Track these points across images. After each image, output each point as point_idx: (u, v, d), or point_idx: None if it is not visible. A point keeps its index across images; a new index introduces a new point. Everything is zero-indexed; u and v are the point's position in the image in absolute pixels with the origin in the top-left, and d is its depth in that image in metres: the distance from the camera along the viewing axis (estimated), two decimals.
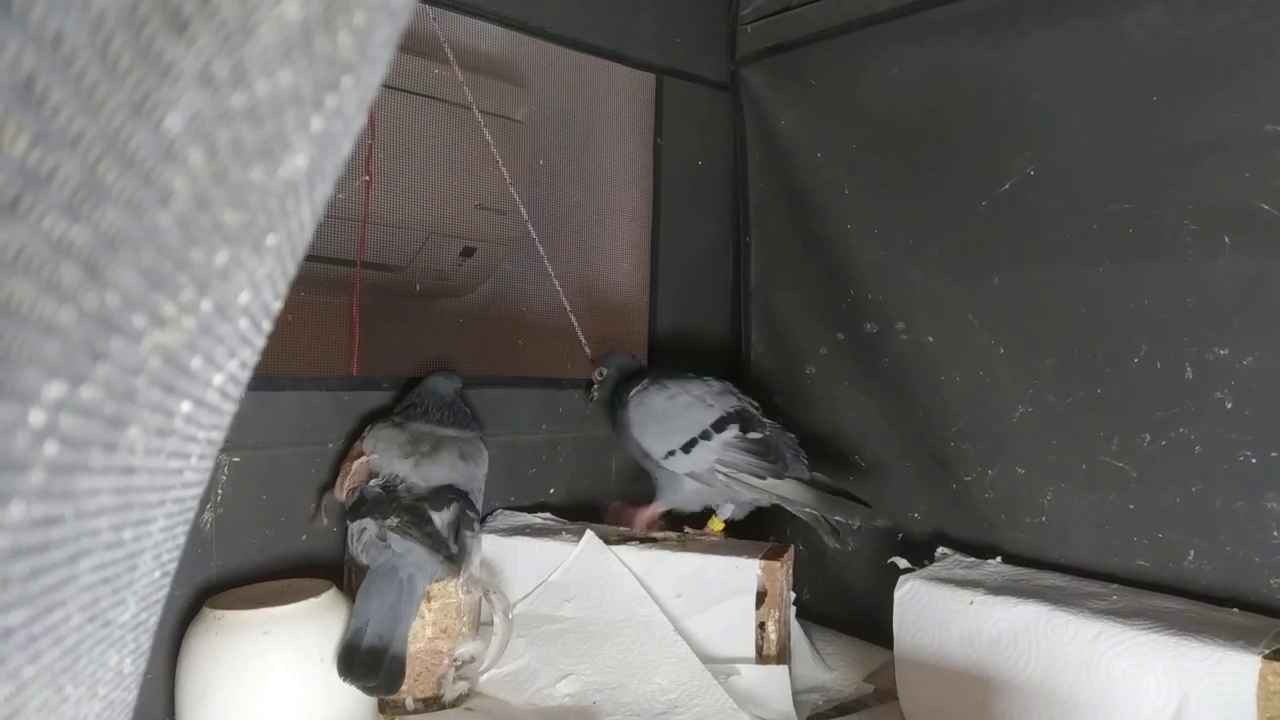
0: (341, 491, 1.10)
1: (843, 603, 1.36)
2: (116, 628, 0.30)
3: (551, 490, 1.39)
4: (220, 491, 1.06)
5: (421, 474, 1.11)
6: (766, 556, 1.14)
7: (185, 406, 0.25)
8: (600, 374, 1.33)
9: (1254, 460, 0.96)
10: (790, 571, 1.18)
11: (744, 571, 1.13)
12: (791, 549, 1.20)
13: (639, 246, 1.54)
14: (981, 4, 1.16)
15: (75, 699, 0.28)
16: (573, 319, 1.42)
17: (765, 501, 1.25)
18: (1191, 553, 1.01)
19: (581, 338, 1.42)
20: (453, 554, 1.06)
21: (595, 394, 1.34)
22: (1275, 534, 0.95)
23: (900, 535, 1.30)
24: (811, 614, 1.31)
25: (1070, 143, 1.09)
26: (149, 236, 0.19)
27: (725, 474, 1.20)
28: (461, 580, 1.10)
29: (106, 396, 0.21)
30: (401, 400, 1.21)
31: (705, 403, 1.23)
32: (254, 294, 0.25)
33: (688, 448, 1.21)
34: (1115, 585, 1.04)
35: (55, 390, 0.19)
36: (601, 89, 1.55)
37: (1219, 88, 0.97)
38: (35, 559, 0.21)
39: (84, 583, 0.25)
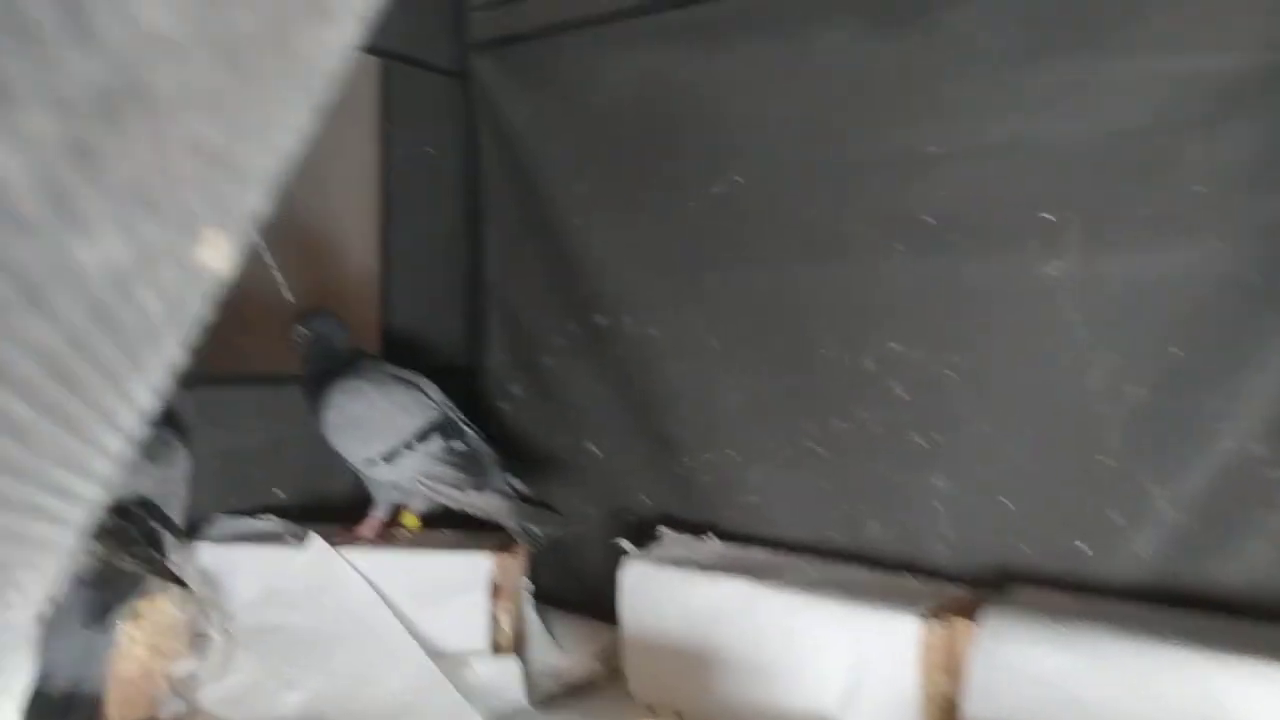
0: None
1: (579, 585, 1.41)
2: None
3: (278, 491, 1.33)
4: None
5: None
6: (500, 550, 1.16)
7: None
8: (301, 334, 1.22)
9: (923, 443, 1.09)
10: (524, 563, 1.21)
11: (477, 567, 1.14)
12: None
13: (367, 238, 1.48)
14: (691, 16, 1.22)
15: None
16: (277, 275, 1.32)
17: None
18: (874, 524, 1.14)
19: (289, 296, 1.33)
20: (173, 573, 1.00)
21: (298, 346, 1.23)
22: (938, 505, 1.09)
23: (632, 519, 1.36)
24: (550, 598, 1.34)
25: (769, 152, 1.17)
26: None
27: (427, 486, 1.18)
28: (174, 596, 1.04)
29: None
30: None
31: (407, 410, 1.19)
32: None
33: (389, 458, 1.17)
34: (812, 557, 1.15)
35: None
36: None
37: (889, 110, 1.08)
38: None
39: None
